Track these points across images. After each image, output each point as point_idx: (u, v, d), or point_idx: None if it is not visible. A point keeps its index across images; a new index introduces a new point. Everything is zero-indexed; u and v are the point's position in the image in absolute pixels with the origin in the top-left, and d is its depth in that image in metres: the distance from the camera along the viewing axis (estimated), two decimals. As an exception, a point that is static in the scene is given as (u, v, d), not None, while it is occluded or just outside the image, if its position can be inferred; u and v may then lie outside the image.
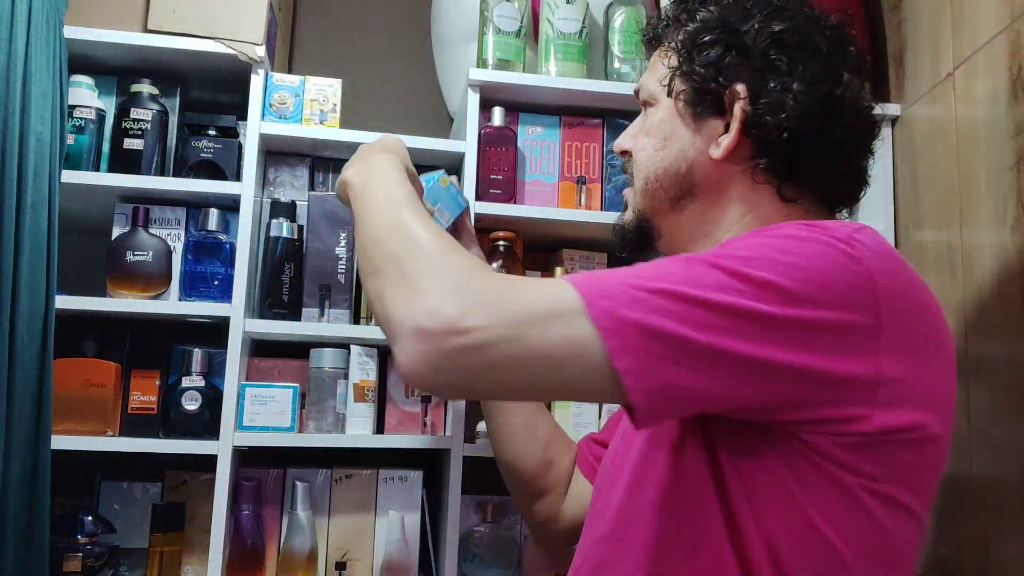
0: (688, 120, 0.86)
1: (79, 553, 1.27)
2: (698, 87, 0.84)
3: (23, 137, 1.15)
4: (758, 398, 0.67)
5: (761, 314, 0.65)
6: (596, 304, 0.65)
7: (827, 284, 0.67)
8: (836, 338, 0.67)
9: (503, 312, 0.65)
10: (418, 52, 1.85)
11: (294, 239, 1.39)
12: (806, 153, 0.82)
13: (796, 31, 0.82)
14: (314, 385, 1.36)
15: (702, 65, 0.83)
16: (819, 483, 0.70)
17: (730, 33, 0.83)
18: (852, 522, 0.70)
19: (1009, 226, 1.22)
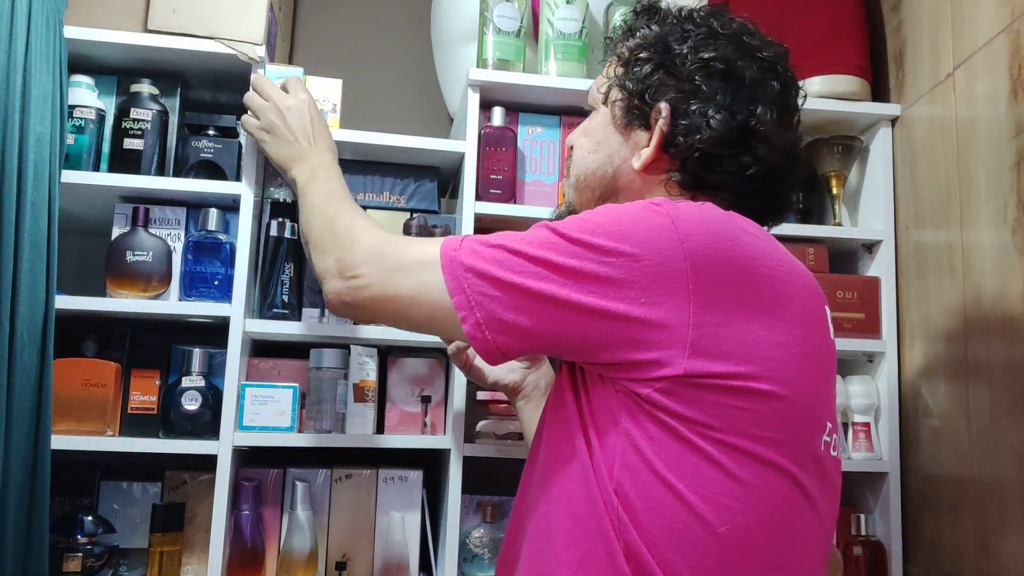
0: (619, 129, 0.94)
1: (79, 553, 1.27)
2: (628, 100, 0.93)
3: (23, 137, 1.15)
4: (566, 336, 0.80)
5: (567, 265, 0.78)
6: (446, 255, 0.83)
7: (630, 237, 0.77)
8: (634, 284, 0.76)
9: (380, 263, 0.90)
10: (418, 52, 1.85)
11: (294, 239, 1.39)
12: (715, 173, 0.90)
13: (724, 60, 0.89)
14: (314, 385, 1.36)
15: (634, 80, 0.92)
16: (658, 432, 0.77)
17: (664, 53, 0.92)
18: (698, 471, 0.77)
19: (1009, 226, 1.22)
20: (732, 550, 0.76)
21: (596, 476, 0.79)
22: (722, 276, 0.77)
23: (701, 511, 0.76)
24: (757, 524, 0.77)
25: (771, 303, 0.80)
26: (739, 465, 0.77)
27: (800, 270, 0.86)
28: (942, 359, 1.38)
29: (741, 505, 0.76)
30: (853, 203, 1.65)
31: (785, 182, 0.93)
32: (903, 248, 1.52)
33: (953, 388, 1.34)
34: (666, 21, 0.94)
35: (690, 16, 0.93)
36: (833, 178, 1.59)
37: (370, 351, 1.38)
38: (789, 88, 0.94)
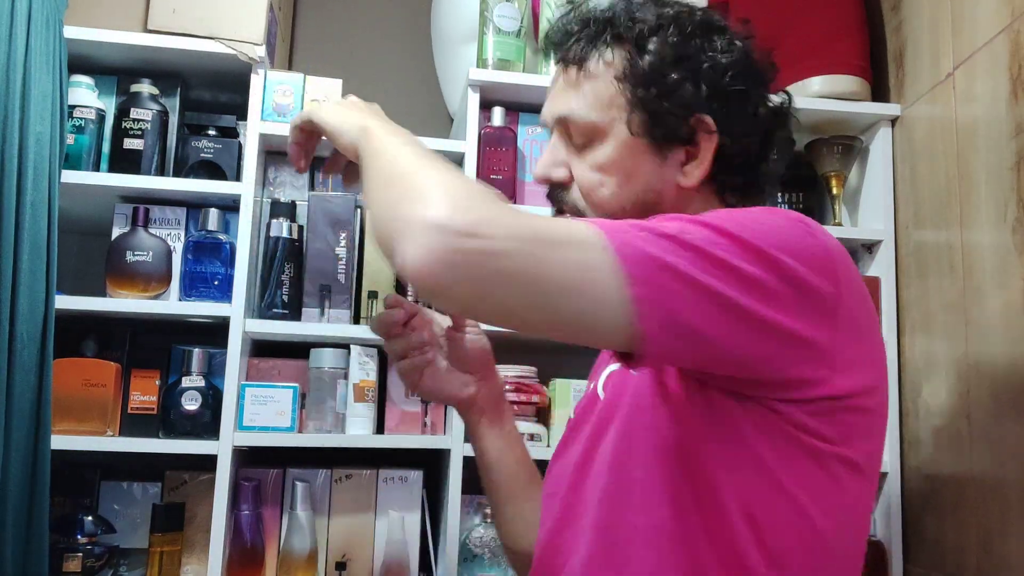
0: (653, 153, 0.84)
1: (79, 553, 1.27)
2: (667, 122, 0.83)
3: (23, 137, 1.15)
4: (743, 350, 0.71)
5: (744, 271, 0.69)
6: (615, 237, 0.66)
7: (796, 251, 0.72)
8: (804, 300, 0.71)
9: (522, 228, 0.64)
10: (418, 52, 1.84)
11: (294, 239, 1.39)
12: (761, 171, 0.88)
13: (741, 60, 0.86)
14: (314, 385, 1.36)
15: (671, 101, 0.83)
16: (790, 450, 0.74)
17: (690, 66, 0.84)
18: (821, 486, 0.75)
19: (1009, 226, 1.22)
20: (845, 564, 0.78)
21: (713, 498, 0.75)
22: (854, 293, 0.76)
23: (822, 528, 0.76)
24: (855, 534, 0.80)
25: (871, 314, 0.81)
26: (850, 478, 0.77)
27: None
28: (942, 359, 1.38)
29: (848, 517, 0.78)
30: (853, 203, 1.65)
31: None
32: (903, 248, 1.52)
33: (954, 388, 1.34)
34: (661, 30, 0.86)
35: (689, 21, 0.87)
36: (833, 178, 1.59)
37: (370, 351, 1.38)
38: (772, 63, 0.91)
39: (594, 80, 0.85)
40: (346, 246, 1.40)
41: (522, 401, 1.42)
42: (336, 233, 1.40)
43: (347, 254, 1.40)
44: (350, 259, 1.40)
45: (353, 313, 1.41)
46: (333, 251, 1.40)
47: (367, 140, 0.80)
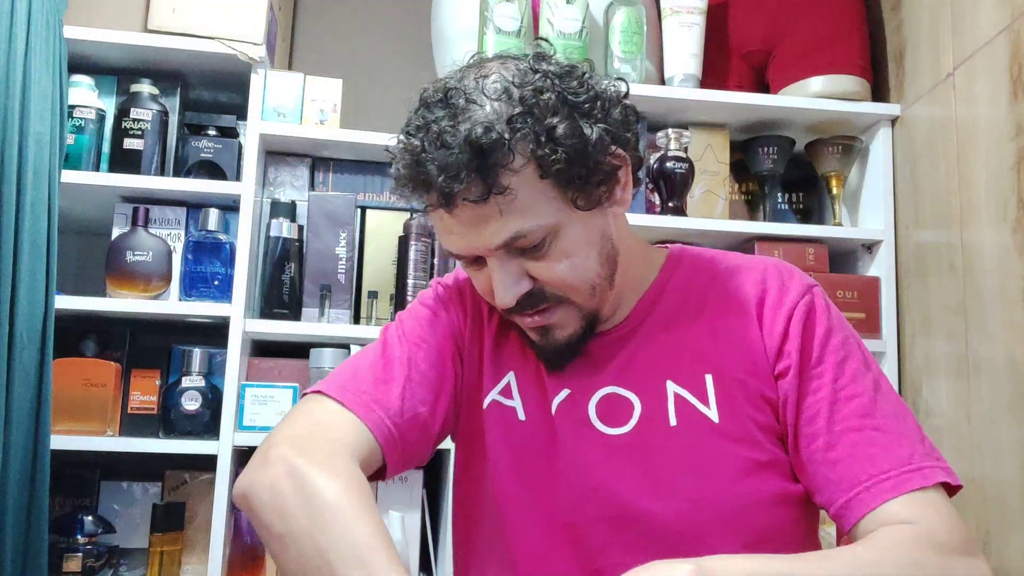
0: (597, 212, 0.80)
1: (79, 553, 1.27)
2: (596, 185, 0.79)
3: (23, 137, 1.15)
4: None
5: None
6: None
7: None
8: None
9: None
10: (418, 52, 1.84)
11: (294, 239, 1.39)
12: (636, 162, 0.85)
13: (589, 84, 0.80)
14: (314, 385, 1.36)
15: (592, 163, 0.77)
16: None
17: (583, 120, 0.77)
18: None
19: (1009, 226, 1.22)
20: None
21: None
22: None
23: None
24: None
25: None
26: None
27: None
28: (943, 358, 1.38)
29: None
30: (853, 203, 1.65)
31: None
32: (903, 248, 1.52)
33: (954, 387, 1.34)
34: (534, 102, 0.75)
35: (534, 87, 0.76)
36: (833, 178, 1.59)
37: (370, 351, 1.38)
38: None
39: (518, 193, 0.75)
40: (346, 246, 1.40)
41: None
42: (336, 233, 1.40)
43: (347, 254, 1.40)
44: (350, 259, 1.40)
45: (353, 313, 1.41)
46: (333, 251, 1.40)
47: None
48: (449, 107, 0.75)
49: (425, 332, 0.85)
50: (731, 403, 0.79)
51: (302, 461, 0.69)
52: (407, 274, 1.39)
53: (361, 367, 0.81)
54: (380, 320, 1.41)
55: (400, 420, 0.78)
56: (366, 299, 1.42)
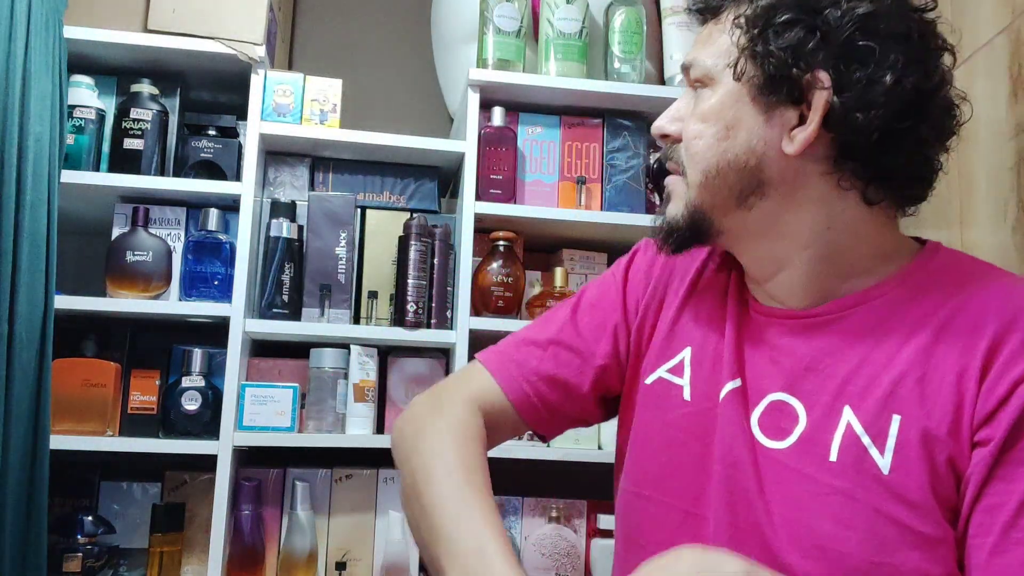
0: (758, 107, 0.74)
1: (79, 553, 1.27)
2: (773, 71, 0.72)
3: (23, 137, 1.15)
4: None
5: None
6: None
7: None
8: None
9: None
10: (418, 52, 1.84)
11: (294, 239, 1.39)
12: (892, 154, 0.73)
13: (883, 15, 0.72)
14: (314, 385, 1.36)
15: (779, 47, 0.72)
16: None
17: (811, 13, 0.72)
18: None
19: (1009, 226, 1.22)
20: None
21: None
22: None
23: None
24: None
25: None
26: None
27: None
28: (942, 359, 1.38)
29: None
30: (853, 203, 1.65)
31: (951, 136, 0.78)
32: (903, 248, 1.52)
33: (953, 388, 1.34)
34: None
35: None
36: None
37: (370, 351, 1.38)
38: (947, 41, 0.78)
39: (721, 28, 0.77)
40: (346, 246, 1.40)
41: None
42: (336, 233, 1.40)
43: (347, 254, 1.40)
44: (350, 259, 1.40)
45: (353, 313, 1.41)
46: (333, 251, 1.40)
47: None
48: None
49: (596, 298, 0.88)
50: (913, 457, 0.66)
51: (424, 408, 0.82)
52: (407, 274, 1.39)
53: (524, 330, 0.89)
54: (380, 320, 1.41)
55: (536, 378, 0.84)
56: (366, 299, 1.42)
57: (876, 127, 0.71)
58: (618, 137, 1.53)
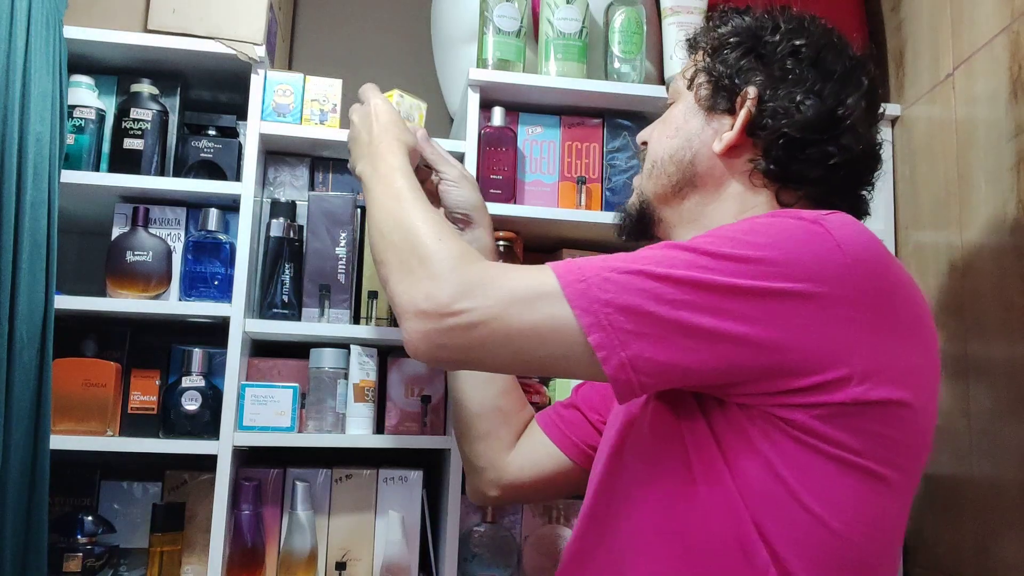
0: (702, 113, 0.91)
1: (79, 553, 1.27)
2: (715, 84, 0.90)
3: (23, 137, 1.15)
4: (727, 369, 0.72)
5: (724, 285, 0.70)
6: (572, 286, 0.73)
7: (795, 258, 0.71)
8: (802, 308, 0.70)
9: (490, 295, 0.75)
10: (418, 52, 1.84)
11: (294, 239, 1.39)
12: (800, 162, 0.86)
13: (815, 48, 0.88)
14: (314, 385, 1.36)
15: (722, 64, 0.90)
16: (805, 459, 0.73)
17: (754, 39, 0.90)
18: (845, 498, 0.73)
19: (1009, 226, 1.22)
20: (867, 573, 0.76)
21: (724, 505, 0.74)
22: (885, 300, 0.74)
23: (846, 536, 0.74)
24: (886, 546, 0.78)
25: (919, 328, 0.78)
26: (875, 491, 0.75)
27: (919, 289, 0.83)
28: (942, 359, 1.38)
29: (874, 529, 0.76)
30: (853, 203, 1.65)
31: (865, 180, 0.92)
32: (903, 248, 1.52)
33: (953, 388, 1.34)
34: (756, 15, 0.94)
35: (781, 10, 0.93)
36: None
37: (370, 351, 1.38)
38: (876, 89, 0.92)
39: (696, 57, 0.97)
40: (346, 246, 1.40)
41: (522, 401, 1.42)
42: (336, 233, 1.40)
43: (347, 254, 1.40)
44: (350, 259, 1.40)
45: (353, 313, 1.41)
46: (333, 251, 1.40)
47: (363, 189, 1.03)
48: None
49: None
50: None
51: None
52: (407, 274, 1.38)
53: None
54: (380, 320, 1.41)
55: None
56: (366, 299, 1.42)
57: (783, 135, 0.85)
58: (618, 137, 1.53)
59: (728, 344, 0.70)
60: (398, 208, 0.89)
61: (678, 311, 0.70)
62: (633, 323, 0.70)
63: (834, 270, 0.71)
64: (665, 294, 0.70)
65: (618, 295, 0.71)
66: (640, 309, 0.70)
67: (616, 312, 0.71)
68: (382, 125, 1.05)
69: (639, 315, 0.70)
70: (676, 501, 0.77)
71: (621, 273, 0.72)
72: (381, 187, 0.95)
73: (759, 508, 0.74)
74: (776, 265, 0.70)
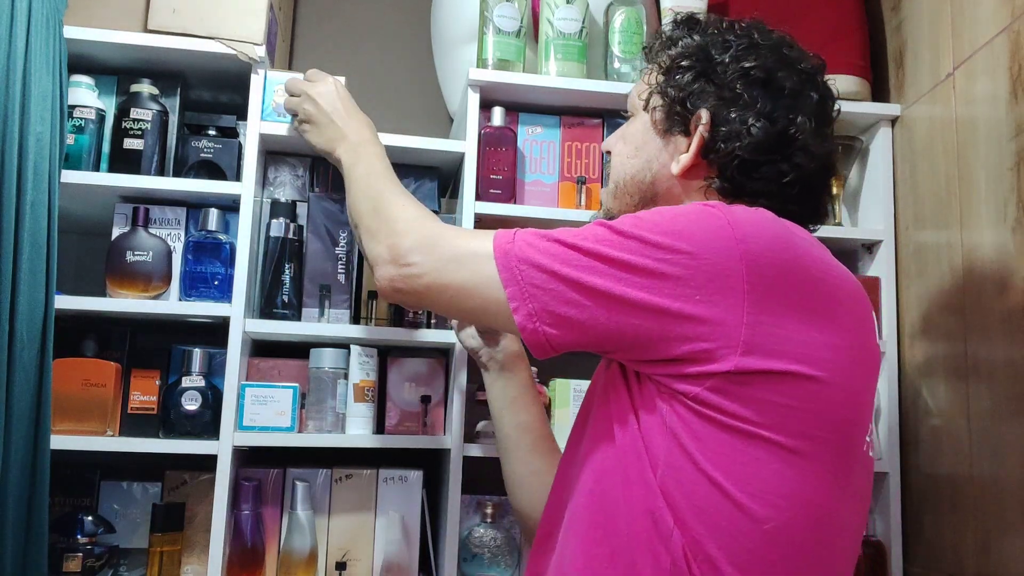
0: (659, 134, 0.96)
1: (79, 553, 1.27)
2: (669, 106, 0.94)
3: (23, 137, 1.15)
4: (616, 330, 0.80)
5: (622, 260, 0.79)
6: (500, 247, 0.85)
7: (687, 236, 0.78)
8: (689, 281, 0.77)
9: (435, 252, 0.91)
10: (418, 52, 1.84)
11: (294, 239, 1.39)
12: (754, 180, 0.91)
13: (765, 69, 0.91)
14: (314, 385, 1.36)
15: (675, 87, 0.94)
16: (704, 431, 0.78)
17: (705, 62, 0.93)
18: (745, 468, 0.78)
19: (1009, 226, 1.22)
20: (775, 546, 0.78)
21: (638, 474, 0.81)
22: (777, 278, 0.79)
23: (748, 508, 0.77)
24: (800, 520, 0.79)
25: (823, 306, 0.82)
26: (784, 462, 0.78)
27: (849, 277, 0.87)
28: (942, 359, 1.38)
29: (785, 502, 0.78)
30: (853, 203, 1.65)
31: (820, 189, 0.96)
32: (903, 248, 1.52)
33: (953, 388, 1.34)
34: (707, 32, 0.96)
35: (731, 27, 0.95)
36: (833, 178, 1.59)
37: (370, 351, 1.38)
38: (826, 99, 0.95)
39: (649, 73, 0.99)
40: (346, 246, 1.40)
41: (522, 401, 1.42)
42: (336, 233, 1.40)
43: (347, 254, 1.40)
44: (350, 259, 1.40)
45: (353, 313, 1.41)
46: (333, 251, 1.40)
47: (342, 169, 1.15)
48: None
49: None
50: None
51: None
52: (407, 274, 1.38)
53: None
54: (380, 320, 1.41)
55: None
56: (366, 299, 1.42)
57: (736, 156, 0.89)
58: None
59: (616, 305, 0.79)
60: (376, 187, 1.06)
61: (580, 273, 0.80)
62: (542, 279, 0.81)
63: (721, 245, 0.78)
64: (572, 259, 0.80)
65: (534, 255, 0.82)
66: (549, 268, 0.81)
67: (530, 268, 0.82)
68: (348, 109, 1.21)
69: (548, 273, 0.81)
70: (603, 476, 0.85)
71: (543, 239, 0.83)
72: (364, 170, 1.10)
73: (666, 478, 0.79)
74: (669, 243, 0.78)
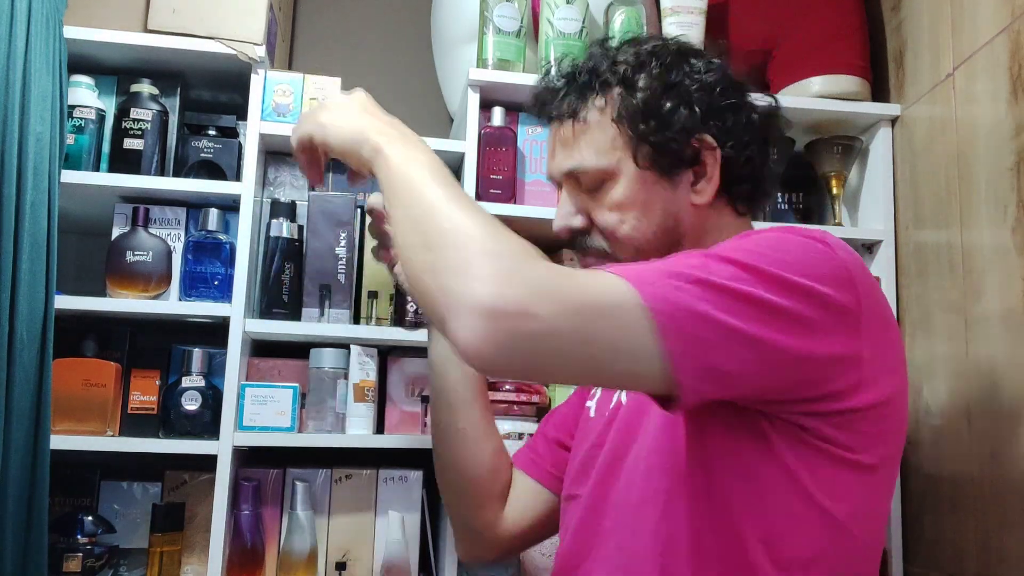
0: (663, 181, 0.89)
1: (79, 553, 1.27)
2: (675, 149, 0.88)
3: (23, 137, 1.15)
4: (776, 381, 0.74)
5: (773, 304, 0.71)
6: (647, 291, 0.68)
7: (817, 273, 0.74)
8: (831, 320, 0.75)
9: (569, 302, 0.67)
10: (418, 52, 1.84)
11: (294, 239, 1.39)
12: (757, 173, 0.93)
13: (723, 75, 0.92)
14: (314, 385, 1.36)
15: (673, 130, 0.88)
16: (816, 461, 0.77)
17: (680, 94, 0.89)
18: (846, 491, 0.79)
19: (1009, 226, 1.22)
20: (870, 556, 0.84)
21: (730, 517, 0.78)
22: (874, 303, 0.79)
23: (853, 530, 0.80)
24: (880, 536, 0.87)
25: (891, 317, 0.84)
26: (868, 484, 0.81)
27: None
28: (942, 359, 1.38)
29: (872, 522, 0.83)
30: (853, 203, 1.65)
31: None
32: (903, 248, 1.52)
33: (954, 388, 1.34)
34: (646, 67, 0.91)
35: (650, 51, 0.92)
36: (833, 178, 1.59)
37: (370, 351, 1.38)
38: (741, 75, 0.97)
39: (591, 128, 0.91)
40: (346, 246, 1.40)
41: (522, 401, 1.42)
42: (336, 233, 1.40)
43: (347, 254, 1.40)
44: (350, 259, 1.40)
45: (353, 313, 1.41)
46: (333, 251, 1.40)
47: (385, 168, 0.80)
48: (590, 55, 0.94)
49: None
50: None
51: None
52: (407, 274, 1.38)
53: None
54: (380, 320, 1.41)
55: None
56: (366, 299, 1.42)
57: (748, 159, 0.90)
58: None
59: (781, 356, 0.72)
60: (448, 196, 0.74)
61: (747, 323, 0.69)
62: (710, 332, 0.69)
63: (844, 282, 0.76)
64: (732, 307, 0.69)
65: (694, 302, 0.69)
66: (716, 319, 0.69)
67: (695, 320, 0.69)
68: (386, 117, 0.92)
69: (716, 325, 0.69)
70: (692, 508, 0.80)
71: (687, 282, 0.70)
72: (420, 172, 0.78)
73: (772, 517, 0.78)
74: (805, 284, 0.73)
